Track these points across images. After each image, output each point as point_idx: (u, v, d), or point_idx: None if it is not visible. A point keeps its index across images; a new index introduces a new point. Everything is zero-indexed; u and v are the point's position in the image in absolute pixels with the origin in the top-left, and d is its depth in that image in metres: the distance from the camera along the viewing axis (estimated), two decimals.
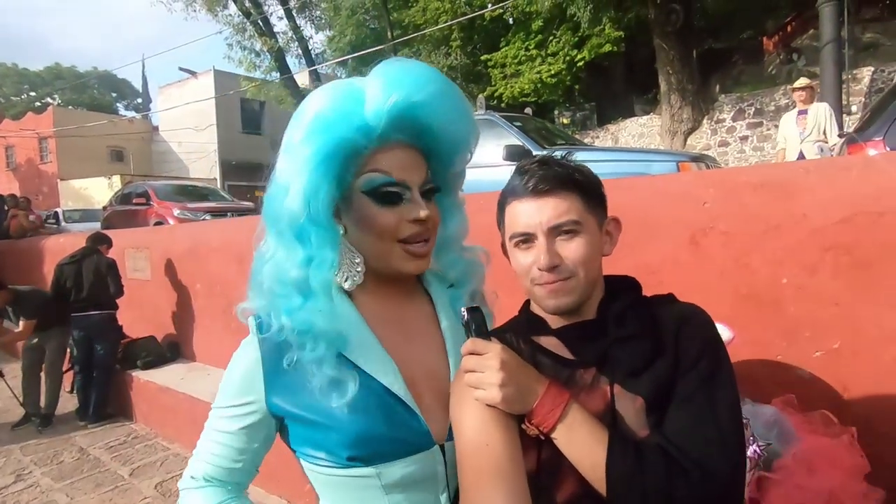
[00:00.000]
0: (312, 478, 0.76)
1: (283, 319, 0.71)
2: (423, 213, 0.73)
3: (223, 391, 0.77)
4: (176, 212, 7.77)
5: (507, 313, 0.90)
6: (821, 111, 4.77)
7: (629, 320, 0.75)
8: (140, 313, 4.86)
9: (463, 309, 0.74)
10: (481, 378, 0.69)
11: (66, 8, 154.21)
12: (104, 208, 10.20)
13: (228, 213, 7.76)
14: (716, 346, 0.72)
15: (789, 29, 11.27)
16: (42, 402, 4.18)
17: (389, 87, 0.70)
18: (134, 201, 8.52)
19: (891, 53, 8.92)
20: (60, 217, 13.00)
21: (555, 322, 0.79)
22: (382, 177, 0.72)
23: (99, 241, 4.47)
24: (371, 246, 0.75)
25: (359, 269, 0.77)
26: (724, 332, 1.35)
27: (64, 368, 4.38)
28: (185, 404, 3.56)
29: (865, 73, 8.02)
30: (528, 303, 0.85)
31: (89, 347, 4.18)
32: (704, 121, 9.60)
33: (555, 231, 0.74)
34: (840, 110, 5.69)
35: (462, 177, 0.86)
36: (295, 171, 0.71)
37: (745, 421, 1.11)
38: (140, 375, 4.11)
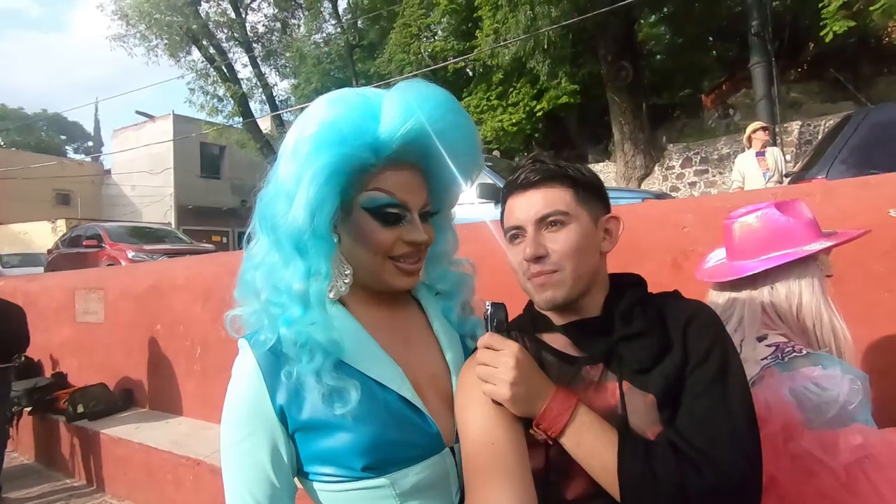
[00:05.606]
0: (322, 497, 0.71)
1: (281, 331, 0.69)
2: (420, 238, 0.74)
3: (231, 422, 0.71)
4: (130, 254, 7.44)
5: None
6: (776, 153, 5.09)
7: (636, 317, 0.74)
8: (90, 360, 4.52)
9: (487, 302, 0.73)
10: (493, 373, 0.68)
11: (15, 49, 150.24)
12: (49, 251, 9.62)
13: (187, 255, 7.48)
14: (724, 341, 0.71)
15: (724, 88, 12.39)
16: None
17: (408, 111, 0.70)
18: (84, 243, 8.11)
19: (813, 110, 9.94)
20: None
21: (559, 320, 0.78)
22: (386, 197, 0.72)
23: None
24: (363, 259, 0.75)
25: (347, 280, 0.76)
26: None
27: None
28: (139, 455, 3.28)
29: (794, 126, 8.84)
30: (532, 301, 0.84)
31: None
32: (656, 168, 10.23)
33: (542, 223, 0.74)
34: None
35: (457, 198, 0.87)
36: (301, 181, 0.67)
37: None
38: (88, 426, 3.77)
